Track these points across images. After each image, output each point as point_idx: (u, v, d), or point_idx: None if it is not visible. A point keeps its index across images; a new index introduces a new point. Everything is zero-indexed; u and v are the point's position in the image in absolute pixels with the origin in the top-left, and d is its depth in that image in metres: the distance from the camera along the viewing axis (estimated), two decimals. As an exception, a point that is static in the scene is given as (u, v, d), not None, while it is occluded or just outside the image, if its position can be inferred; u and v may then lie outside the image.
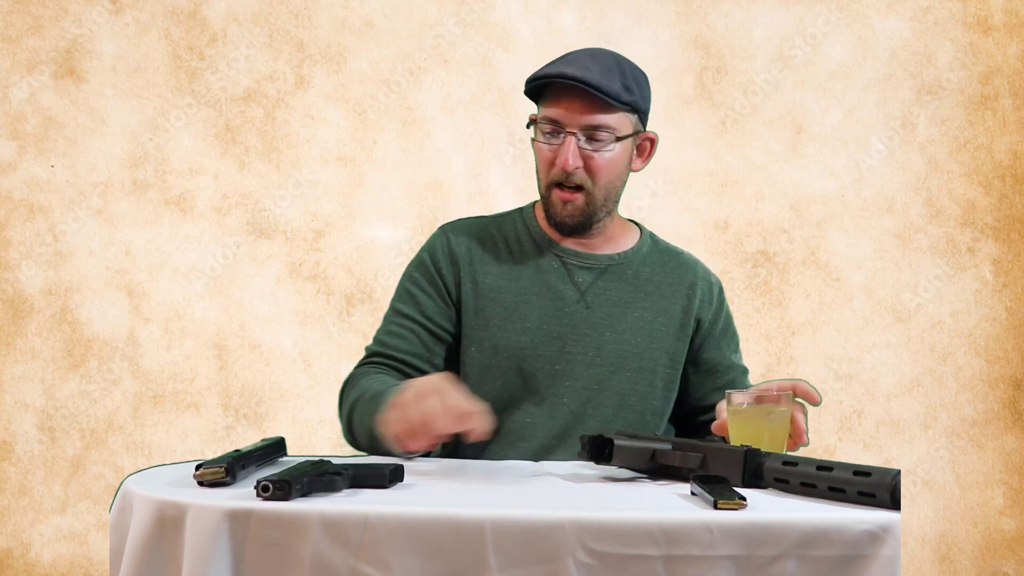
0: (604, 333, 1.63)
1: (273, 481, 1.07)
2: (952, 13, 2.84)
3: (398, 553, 1.01)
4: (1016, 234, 2.84)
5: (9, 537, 2.67)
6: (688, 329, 1.69)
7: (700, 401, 1.72)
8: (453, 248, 1.67)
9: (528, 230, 1.70)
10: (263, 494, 1.07)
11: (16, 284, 2.69)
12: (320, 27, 2.77)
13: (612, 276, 1.67)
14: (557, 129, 1.59)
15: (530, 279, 1.65)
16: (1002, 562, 2.80)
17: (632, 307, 1.66)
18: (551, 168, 1.61)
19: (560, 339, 1.63)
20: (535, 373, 1.62)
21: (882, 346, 2.81)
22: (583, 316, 1.64)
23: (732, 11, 2.82)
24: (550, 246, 1.68)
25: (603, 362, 1.63)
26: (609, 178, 1.62)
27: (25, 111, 2.71)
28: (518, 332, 1.62)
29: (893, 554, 1.03)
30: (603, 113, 1.58)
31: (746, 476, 1.18)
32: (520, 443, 1.61)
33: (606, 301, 1.65)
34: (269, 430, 2.70)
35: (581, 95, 1.57)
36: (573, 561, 1.01)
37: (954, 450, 2.80)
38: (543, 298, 1.64)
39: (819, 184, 2.82)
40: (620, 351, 1.63)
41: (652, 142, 1.71)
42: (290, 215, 2.75)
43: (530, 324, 1.63)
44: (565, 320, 1.63)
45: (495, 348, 1.63)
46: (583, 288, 1.65)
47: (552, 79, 1.58)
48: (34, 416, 2.68)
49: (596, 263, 1.67)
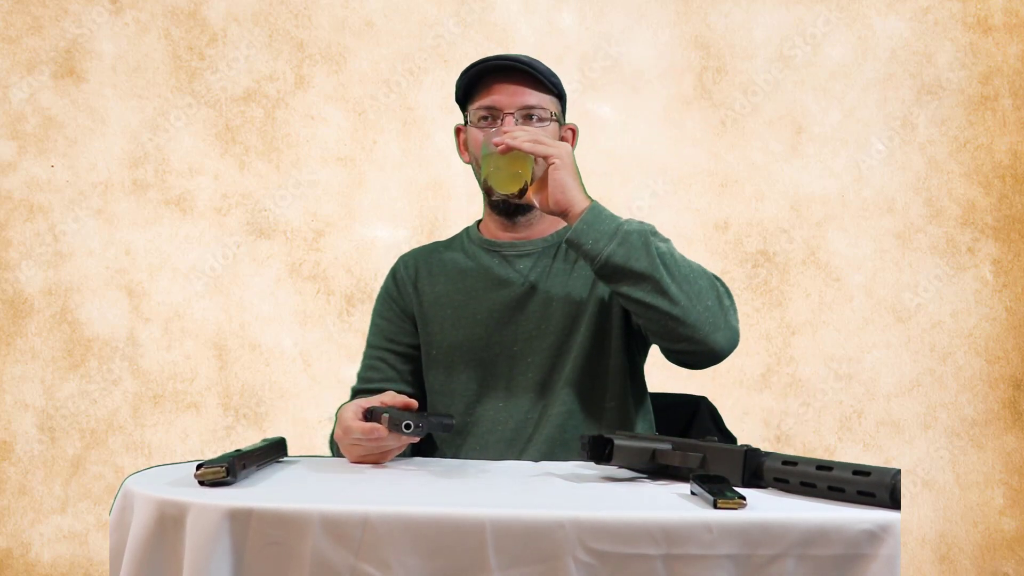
0: (551, 304, 1.66)
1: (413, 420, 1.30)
2: (952, 13, 2.84)
3: (398, 552, 1.01)
4: (1016, 234, 2.84)
5: (9, 537, 2.67)
6: None
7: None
8: (403, 272, 1.76)
9: (471, 239, 1.76)
10: (405, 431, 1.31)
11: (16, 284, 2.70)
12: (320, 27, 2.77)
13: (548, 255, 1.70)
14: (494, 115, 1.64)
15: (475, 278, 1.70)
16: (1002, 562, 2.80)
17: (573, 275, 1.68)
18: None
19: (512, 322, 1.66)
20: (495, 360, 1.66)
21: (882, 346, 2.81)
22: (529, 295, 1.67)
23: (732, 11, 2.82)
24: (490, 246, 1.73)
25: (556, 328, 1.65)
26: None
27: (25, 111, 2.71)
28: (471, 325, 1.67)
29: (893, 553, 1.03)
30: (536, 92, 1.64)
31: (746, 476, 1.18)
32: (497, 428, 1.63)
33: (548, 277, 1.68)
34: (269, 430, 2.70)
35: (514, 79, 1.64)
36: (573, 560, 1.01)
37: (954, 450, 2.81)
38: (489, 291, 1.68)
39: (819, 184, 2.82)
40: (569, 312, 1.65)
41: (574, 132, 1.75)
42: (290, 215, 2.75)
43: (480, 316, 1.67)
44: (513, 304, 1.67)
45: (452, 347, 1.67)
46: (525, 272, 1.69)
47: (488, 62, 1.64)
48: (34, 416, 2.68)
49: (533, 248, 1.71)
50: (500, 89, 1.64)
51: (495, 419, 1.64)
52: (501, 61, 1.65)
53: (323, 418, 2.71)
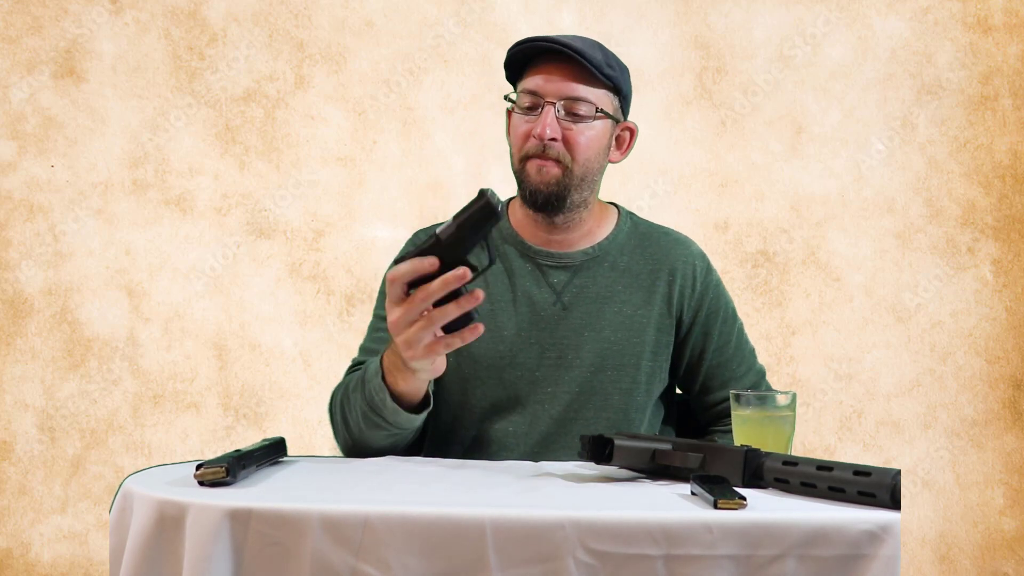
0: (583, 334, 1.58)
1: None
2: (952, 13, 2.84)
3: (398, 552, 1.01)
4: (1016, 234, 2.84)
5: (9, 537, 2.67)
6: (671, 319, 1.62)
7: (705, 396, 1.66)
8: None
9: (501, 233, 1.64)
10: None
11: (16, 284, 2.69)
12: (320, 27, 2.77)
13: (588, 272, 1.61)
14: (536, 102, 1.54)
15: (504, 285, 1.60)
16: (1002, 562, 2.80)
17: (610, 301, 1.60)
18: (526, 141, 1.55)
19: (539, 345, 1.58)
20: (515, 382, 1.57)
21: (882, 346, 2.81)
22: (560, 318, 1.58)
23: (732, 11, 2.82)
24: (523, 249, 1.62)
25: (583, 363, 1.57)
26: (588, 156, 1.56)
27: (25, 111, 2.71)
28: (496, 341, 1.57)
29: (893, 553, 1.03)
30: (585, 85, 1.53)
31: (746, 476, 1.18)
32: (503, 453, 1.57)
33: (583, 299, 1.59)
34: (269, 430, 2.70)
35: (563, 64, 1.52)
36: (573, 560, 1.01)
37: (954, 450, 2.80)
38: (519, 304, 1.59)
39: (819, 184, 2.82)
40: (600, 350, 1.58)
41: (632, 133, 1.64)
42: (290, 215, 2.75)
43: (507, 332, 1.58)
44: (542, 325, 1.58)
45: (474, 358, 1.57)
46: (559, 289, 1.59)
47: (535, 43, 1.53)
48: (34, 416, 2.68)
49: (571, 261, 1.61)
50: (547, 73, 1.53)
51: (502, 443, 1.57)
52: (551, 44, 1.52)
53: (323, 418, 2.71)
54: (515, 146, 1.57)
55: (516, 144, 1.57)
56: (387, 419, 1.40)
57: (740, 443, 1.31)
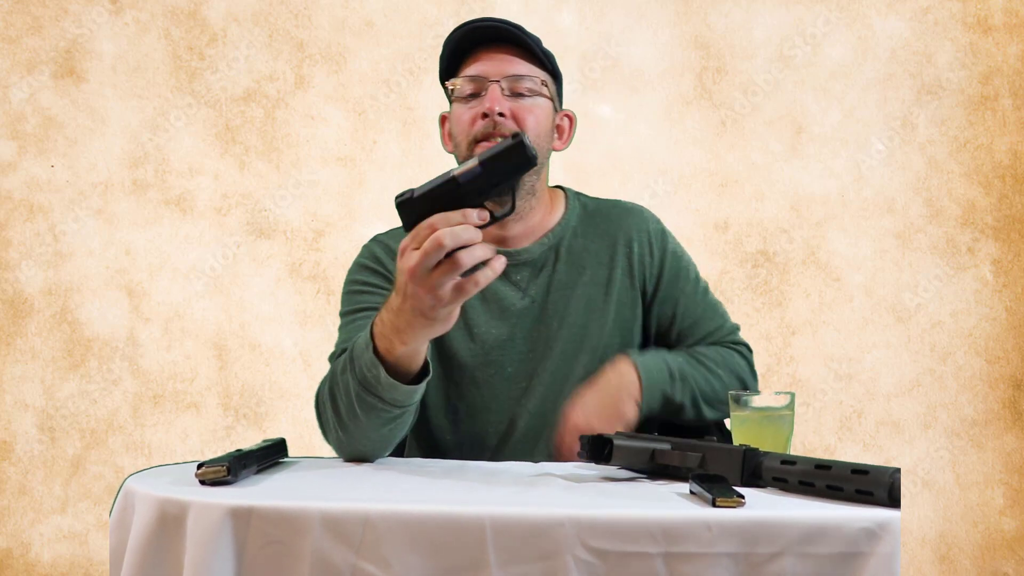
0: (552, 324, 1.56)
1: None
2: (952, 13, 2.84)
3: (398, 550, 1.02)
4: (1016, 234, 2.84)
5: (9, 537, 2.67)
6: (635, 291, 1.60)
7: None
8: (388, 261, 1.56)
9: None
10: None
11: (16, 284, 2.70)
12: (320, 27, 2.77)
13: (548, 261, 1.58)
14: (479, 86, 1.49)
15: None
16: (1002, 562, 2.80)
17: (575, 287, 1.57)
18: (473, 125, 1.48)
19: (510, 341, 1.56)
20: (490, 380, 1.55)
21: (882, 346, 2.81)
22: (528, 311, 1.56)
23: (732, 11, 2.83)
24: None
25: (556, 354, 1.55)
26: (539, 131, 1.50)
27: (25, 111, 2.71)
28: (466, 339, 1.55)
29: (892, 551, 1.03)
30: (526, 62, 1.50)
31: (745, 475, 1.18)
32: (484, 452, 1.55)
33: (549, 289, 1.57)
34: (269, 430, 2.70)
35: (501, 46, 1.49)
36: (573, 558, 1.01)
37: (954, 450, 2.81)
38: (486, 302, 1.56)
39: (819, 184, 2.82)
40: (571, 336, 1.55)
41: (571, 120, 1.60)
42: (290, 215, 2.75)
43: (477, 331, 1.55)
44: (512, 320, 1.56)
45: (447, 359, 1.55)
46: (523, 286, 1.57)
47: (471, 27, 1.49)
48: (34, 416, 2.69)
49: (529, 256, 1.57)
50: (488, 56, 1.49)
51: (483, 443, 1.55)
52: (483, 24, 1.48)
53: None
54: (461, 134, 1.51)
55: (462, 132, 1.51)
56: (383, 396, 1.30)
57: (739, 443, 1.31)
